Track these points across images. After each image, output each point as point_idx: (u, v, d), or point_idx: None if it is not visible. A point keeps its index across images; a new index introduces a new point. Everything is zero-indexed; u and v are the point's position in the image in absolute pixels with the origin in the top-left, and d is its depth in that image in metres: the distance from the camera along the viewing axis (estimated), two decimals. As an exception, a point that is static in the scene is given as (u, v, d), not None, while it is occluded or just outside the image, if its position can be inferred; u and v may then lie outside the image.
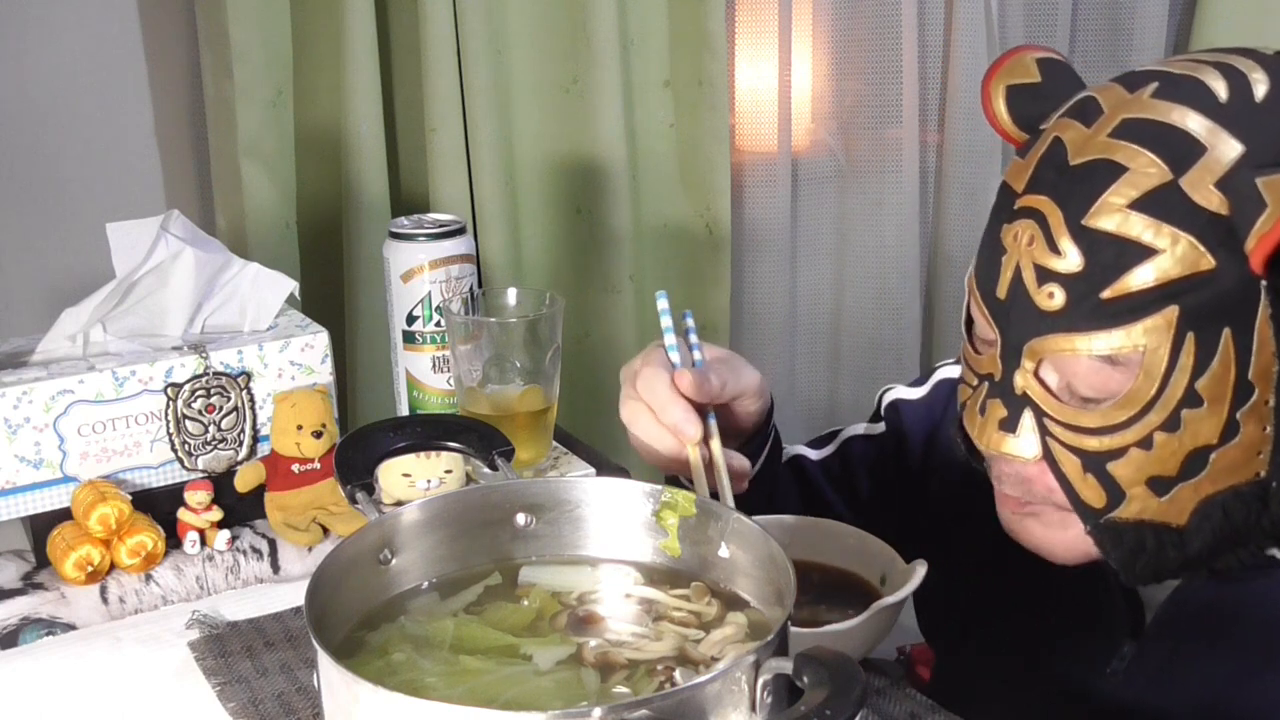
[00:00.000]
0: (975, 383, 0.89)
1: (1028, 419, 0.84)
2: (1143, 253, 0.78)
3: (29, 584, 1.07)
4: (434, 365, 1.28)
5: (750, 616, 0.77)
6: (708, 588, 0.80)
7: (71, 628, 1.03)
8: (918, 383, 1.17)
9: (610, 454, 1.33)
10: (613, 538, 0.83)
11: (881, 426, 1.17)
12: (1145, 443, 0.81)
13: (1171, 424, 0.80)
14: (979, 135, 2.05)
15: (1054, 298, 0.81)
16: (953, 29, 2.03)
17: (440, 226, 1.27)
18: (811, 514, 1.02)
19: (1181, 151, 0.79)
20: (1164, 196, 0.78)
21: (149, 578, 1.06)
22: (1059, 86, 0.89)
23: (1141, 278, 0.79)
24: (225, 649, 0.98)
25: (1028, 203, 0.83)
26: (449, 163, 1.74)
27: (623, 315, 1.92)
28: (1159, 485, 0.82)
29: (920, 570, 0.90)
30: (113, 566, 1.06)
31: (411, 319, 1.27)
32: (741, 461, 0.99)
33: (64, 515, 1.08)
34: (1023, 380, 0.84)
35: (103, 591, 1.05)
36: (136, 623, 1.04)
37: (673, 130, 1.92)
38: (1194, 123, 0.79)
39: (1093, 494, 0.84)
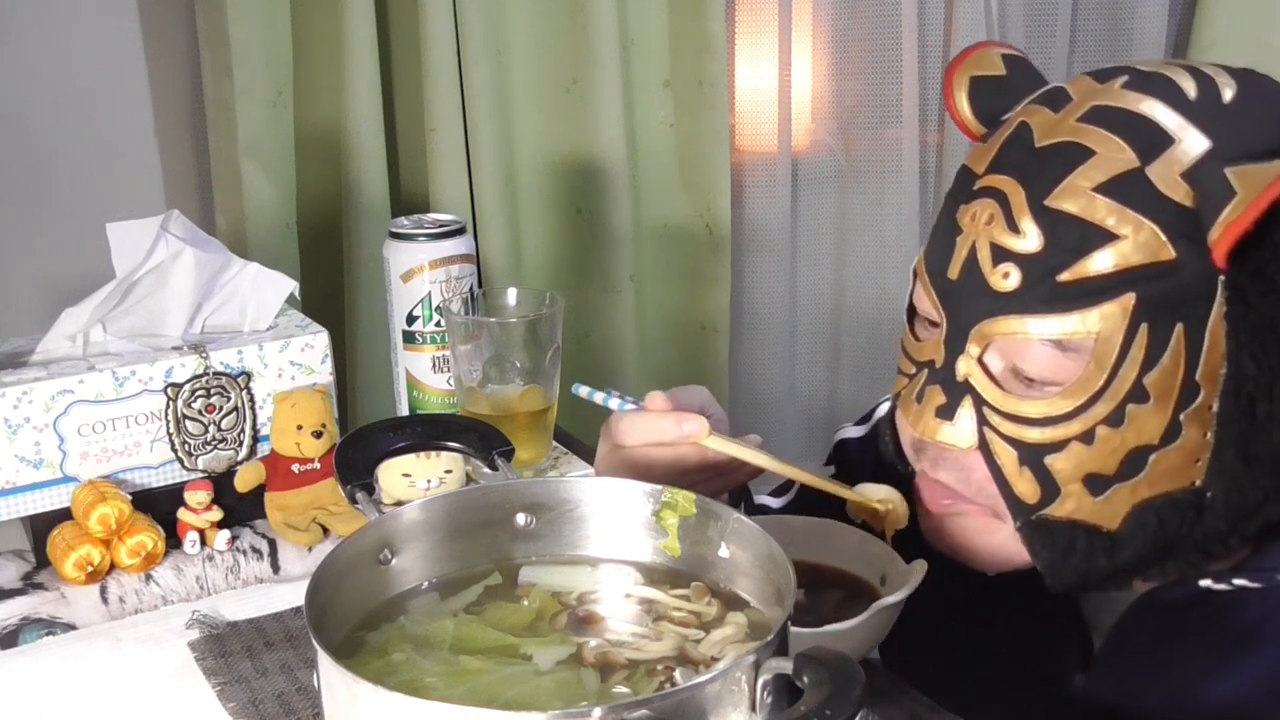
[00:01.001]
0: (913, 371, 0.87)
1: (966, 407, 0.83)
2: (1105, 237, 0.78)
3: (29, 584, 1.07)
4: (434, 365, 1.28)
5: (750, 616, 0.77)
6: (708, 588, 0.80)
7: (71, 628, 1.03)
8: (862, 420, 1.16)
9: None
10: (613, 538, 0.83)
11: (831, 470, 1.17)
12: (1087, 436, 0.80)
13: (1116, 418, 0.80)
14: (979, 135, 2.05)
15: (1009, 278, 0.80)
16: (953, 29, 2.03)
17: (440, 226, 1.27)
18: None
19: (1150, 140, 0.79)
20: (1130, 183, 0.78)
21: (149, 578, 1.06)
22: (1023, 82, 0.88)
23: (1101, 263, 0.78)
24: (225, 649, 0.98)
25: (989, 183, 0.83)
26: (449, 163, 1.74)
27: (623, 315, 1.92)
28: (1096, 484, 0.81)
29: (920, 570, 0.90)
30: (113, 566, 1.06)
31: (411, 319, 1.27)
32: (757, 440, 0.99)
33: (64, 515, 1.08)
34: (966, 366, 0.83)
35: (103, 591, 1.05)
36: (136, 623, 1.04)
37: (673, 130, 1.92)
38: (1163, 115, 0.79)
39: (1027, 489, 0.83)
